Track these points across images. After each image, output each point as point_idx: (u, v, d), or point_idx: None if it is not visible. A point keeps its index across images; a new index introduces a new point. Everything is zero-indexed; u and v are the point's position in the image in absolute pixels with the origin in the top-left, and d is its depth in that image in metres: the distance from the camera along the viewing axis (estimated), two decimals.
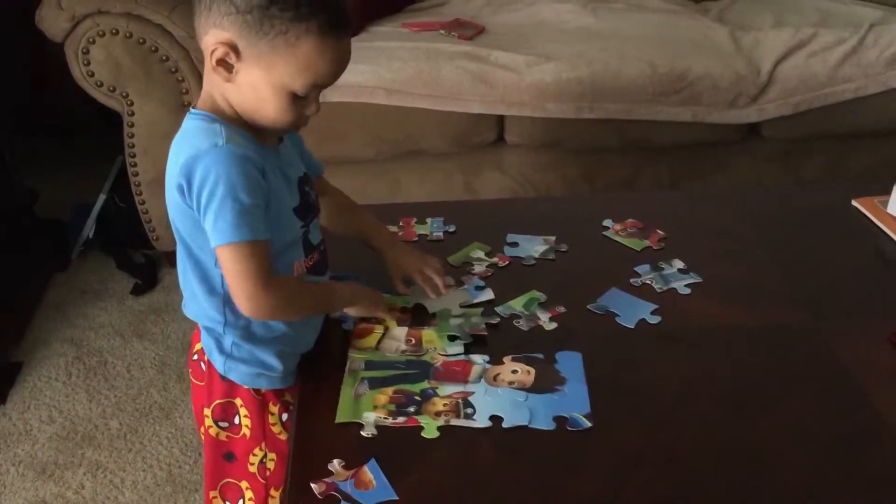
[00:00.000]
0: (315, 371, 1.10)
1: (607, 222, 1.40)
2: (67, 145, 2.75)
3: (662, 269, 1.29)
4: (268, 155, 1.02)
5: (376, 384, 1.04)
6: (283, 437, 1.13)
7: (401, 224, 1.39)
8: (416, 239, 1.36)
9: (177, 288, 2.24)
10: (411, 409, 1.00)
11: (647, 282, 1.25)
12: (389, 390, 1.03)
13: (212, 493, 1.20)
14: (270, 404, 1.12)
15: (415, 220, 1.41)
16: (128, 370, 1.97)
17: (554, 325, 1.17)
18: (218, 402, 1.13)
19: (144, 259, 2.33)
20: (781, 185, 2.18)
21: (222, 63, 0.95)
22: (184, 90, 2.02)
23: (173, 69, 1.99)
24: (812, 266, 1.31)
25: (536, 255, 1.32)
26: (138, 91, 2.00)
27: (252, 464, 1.15)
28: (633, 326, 1.17)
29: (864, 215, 1.43)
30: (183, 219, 1.01)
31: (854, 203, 1.45)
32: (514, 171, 2.16)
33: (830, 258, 1.33)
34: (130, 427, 1.81)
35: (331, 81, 0.98)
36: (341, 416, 0.99)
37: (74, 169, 2.60)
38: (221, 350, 1.09)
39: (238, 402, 1.12)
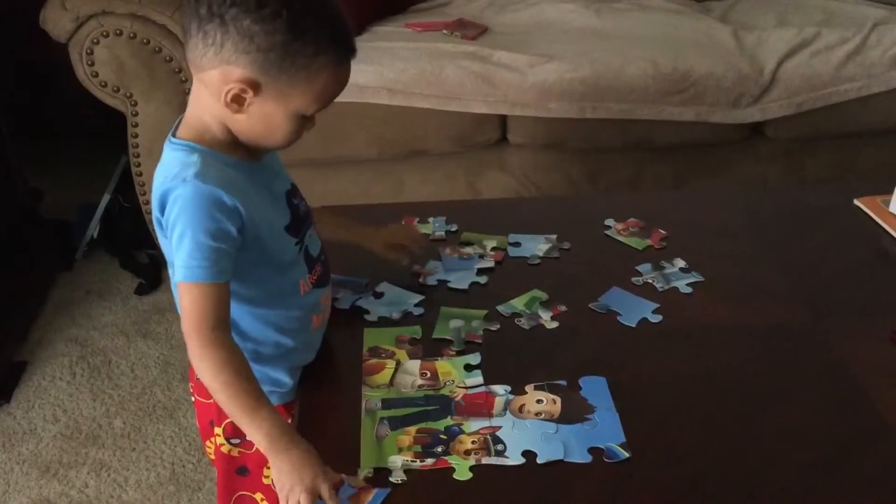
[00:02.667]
0: (315, 378, 1.10)
1: (609, 222, 1.40)
2: (72, 146, 2.75)
3: (664, 268, 1.29)
4: (253, 174, 1.01)
5: (397, 424, 0.99)
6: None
7: (403, 223, 1.40)
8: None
9: None
10: (439, 450, 0.96)
11: (649, 281, 1.26)
12: (412, 430, 0.98)
13: None
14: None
15: (417, 219, 1.41)
16: (132, 369, 1.98)
17: (555, 325, 1.17)
18: (229, 420, 1.10)
19: (148, 259, 2.34)
20: (783, 184, 2.18)
21: (237, 99, 0.94)
22: (187, 90, 2.02)
23: (177, 69, 1.99)
24: (814, 265, 1.31)
25: (540, 254, 1.32)
26: (142, 91, 2.01)
27: (266, 476, 1.14)
28: (634, 325, 1.17)
29: (867, 214, 1.43)
30: (168, 246, 1.00)
31: (856, 202, 1.45)
32: (517, 172, 2.16)
33: (832, 257, 1.33)
34: (134, 426, 1.82)
35: (333, 100, 1.00)
36: (366, 463, 0.94)
37: (79, 170, 2.61)
38: None
39: None
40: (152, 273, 2.28)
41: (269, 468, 1.12)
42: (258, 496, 1.17)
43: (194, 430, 1.80)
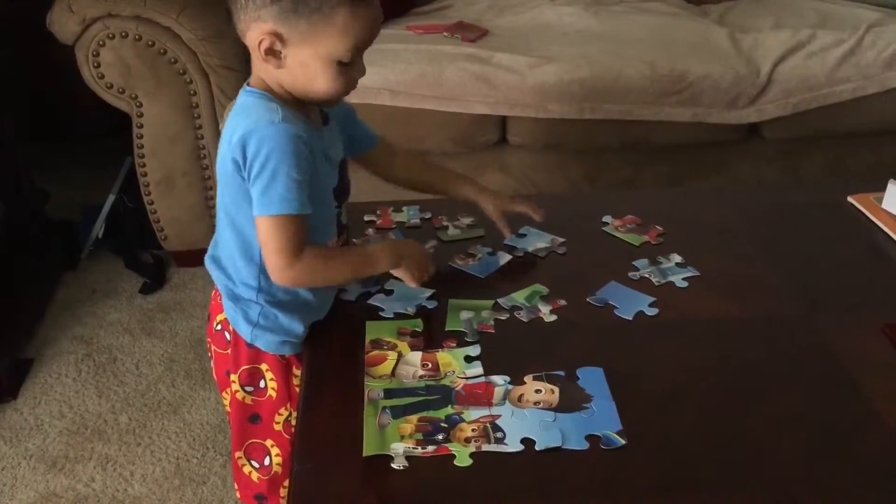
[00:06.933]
0: (319, 368, 1.13)
1: (607, 218, 1.43)
2: (77, 147, 2.78)
3: (660, 262, 1.31)
4: (314, 136, 1.08)
5: (399, 413, 1.01)
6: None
7: (378, 213, 1.44)
8: (395, 226, 1.41)
9: (185, 287, 2.30)
10: (440, 437, 0.98)
11: (646, 275, 1.28)
12: (414, 418, 1.01)
13: (237, 454, 1.26)
14: (294, 368, 1.19)
15: (391, 208, 1.46)
16: (136, 367, 2.00)
17: (554, 318, 1.19)
18: (244, 368, 1.19)
19: (153, 259, 2.36)
20: (778, 182, 2.21)
21: (271, 52, 1.01)
22: (192, 91, 2.05)
23: (182, 71, 2.02)
24: (807, 260, 1.34)
25: (530, 250, 1.34)
26: (147, 93, 2.04)
27: (277, 423, 1.22)
28: (631, 318, 1.19)
29: (860, 211, 1.45)
30: (232, 190, 1.07)
31: (850, 199, 1.48)
32: (516, 172, 2.19)
33: (825, 252, 1.36)
34: (139, 422, 1.84)
35: (370, 42, 1.05)
36: (368, 449, 0.96)
37: (84, 171, 2.64)
38: (248, 320, 1.15)
39: (263, 367, 1.19)
40: (157, 272, 2.31)
41: (279, 415, 1.20)
42: (268, 442, 1.24)
43: (198, 426, 1.82)
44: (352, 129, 1.25)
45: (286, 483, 1.25)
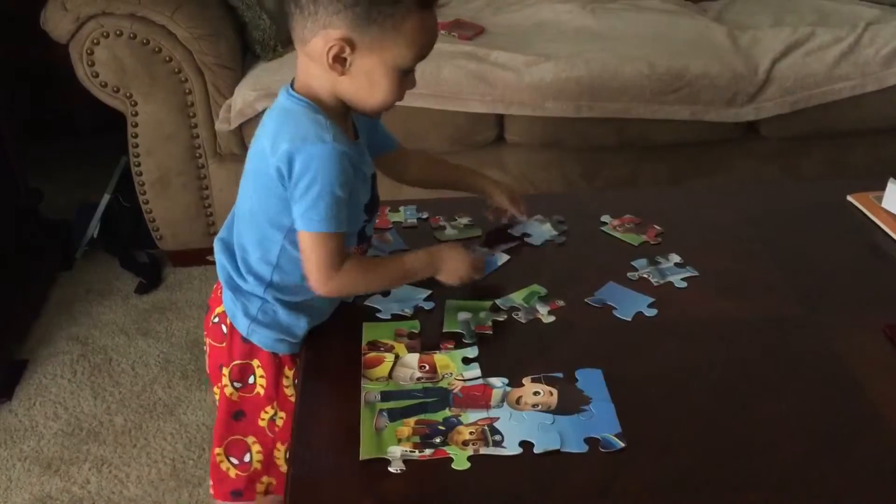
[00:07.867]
0: (316, 370, 1.12)
1: (605, 218, 1.42)
2: (72, 147, 2.77)
3: (659, 262, 1.30)
4: (354, 151, 1.07)
5: (396, 416, 1.00)
6: (295, 399, 1.16)
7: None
8: (391, 226, 1.41)
9: (180, 286, 2.28)
10: (437, 440, 0.97)
11: (644, 275, 1.27)
12: (411, 421, 1.00)
13: (217, 450, 1.25)
14: (286, 368, 1.18)
15: (388, 208, 1.46)
16: (132, 367, 1.99)
17: (552, 319, 1.18)
18: (237, 362, 1.18)
19: (148, 258, 2.35)
20: (777, 181, 2.20)
21: (338, 59, 1.01)
22: (187, 90, 2.04)
23: (177, 70, 2.01)
24: (807, 259, 1.33)
25: (548, 237, 1.37)
26: (142, 91, 2.03)
27: (262, 419, 1.21)
28: (630, 319, 1.18)
29: (860, 210, 1.44)
30: (265, 192, 1.07)
31: (849, 198, 1.47)
32: (514, 170, 2.18)
33: (825, 252, 1.35)
34: (135, 423, 1.83)
35: (429, 52, 1.06)
36: (365, 453, 0.95)
37: (79, 170, 2.63)
38: (247, 313, 1.15)
39: (255, 363, 1.18)
40: (152, 272, 2.30)
41: (265, 412, 1.20)
42: (250, 439, 1.23)
43: (195, 427, 1.81)
44: (374, 132, 1.24)
45: (263, 478, 1.25)
